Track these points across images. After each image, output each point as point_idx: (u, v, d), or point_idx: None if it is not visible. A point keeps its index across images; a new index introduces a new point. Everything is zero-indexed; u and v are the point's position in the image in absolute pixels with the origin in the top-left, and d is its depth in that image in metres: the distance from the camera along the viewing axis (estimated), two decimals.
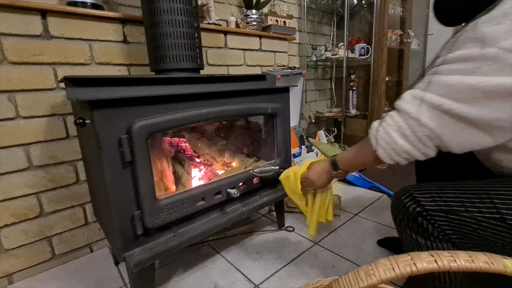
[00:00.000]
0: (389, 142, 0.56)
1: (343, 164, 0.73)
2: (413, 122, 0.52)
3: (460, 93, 0.46)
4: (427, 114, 0.50)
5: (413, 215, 0.58)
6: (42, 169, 0.97)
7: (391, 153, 0.56)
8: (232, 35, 1.46)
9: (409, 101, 0.53)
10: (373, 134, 0.59)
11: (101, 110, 0.65)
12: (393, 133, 0.55)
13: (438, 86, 0.49)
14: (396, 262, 0.31)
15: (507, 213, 0.49)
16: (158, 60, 0.91)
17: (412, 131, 0.52)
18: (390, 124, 0.56)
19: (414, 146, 0.53)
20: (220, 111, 0.86)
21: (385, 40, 1.91)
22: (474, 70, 0.44)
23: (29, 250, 0.97)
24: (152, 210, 0.73)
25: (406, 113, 0.53)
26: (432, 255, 0.31)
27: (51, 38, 0.94)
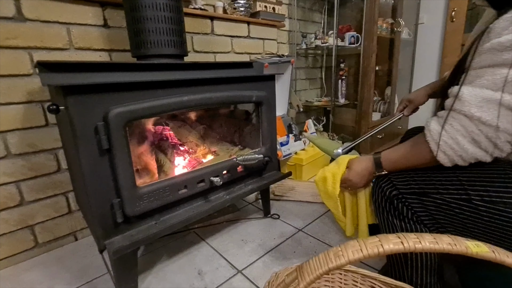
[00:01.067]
0: (456, 150, 0.51)
1: (389, 164, 0.65)
2: (489, 129, 0.46)
3: None
4: (507, 119, 0.45)
5: (390, 198, 0.60)
6: (21, 157, 0.94)
7: (455, 159, 0.52)
8: (219, 21, 1.42)
9: (477, 105, 0.47)
10: (433, 138, 0.53)
11: (76, 96, 0.63)
12: (461, 140, 0.50)
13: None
14: (365, 243, 0.32)
15: (473, 194, 0.52)
16: (139, 46, 0.88)
17: (487, 137, 0.47)
18: (457, 129, 0.50)
19: (486, 152, 0.49)
20: (202, 99, 0.84)
21: (376, 29, 1.90)
22: None
23: (11, 239, 0.96)
24: (131, 198, 0.72)
25: (481, 121, 0.47)
26: (399, 237, 0.31)
27: (25, 20, 0.90)
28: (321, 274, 0.32)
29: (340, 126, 2.19)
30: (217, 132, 1.18)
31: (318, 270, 0.32)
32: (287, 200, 1.32)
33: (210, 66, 0.99)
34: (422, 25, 2.41)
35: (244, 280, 0.84)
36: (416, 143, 0.59)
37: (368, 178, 0.70)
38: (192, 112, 1.14)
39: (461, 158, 0.51)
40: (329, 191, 0.72)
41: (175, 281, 0.85)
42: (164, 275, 0.87)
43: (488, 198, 0.51)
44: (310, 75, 2.30)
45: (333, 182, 0.71)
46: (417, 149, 0.58)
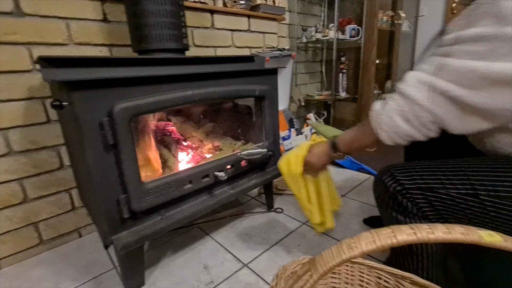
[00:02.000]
0: (391, 126, 0.55)
1: (343, 145, 0.72)
2: (418, 108, 0.51)
3: (471, 81, 0.44)
4: (434, 100, 0.49)
5: (393, 193, 0.59)
6: (23, 155, 0.94)
7: (393, 136, 0.57)
8: (219, 14, 1.41)
9: (415, 85, 0.51)
10: (374, 117, 0.58)
11: (80, 91, 0.62)
12: (396, 118, 0.54)
13: (449, 72, 0.46)
14: (378, 234, 0.32)
15: (480, 189, 0.51)
16: (140, 40, 0.88)
17: (416, 116, 0.52)
18: (393, 108, 0.55)
19: (417, 130, 0.53)
20: (206, 93, 0.84)
21: (376, 21, 1.89)
22: (489, 53, 0.41)
23: (15, 236, 0.96)
24: (137, 193, 0.72)
25: (411, 99, 0.51)
26: (412, 228, 0.31)
27: (23, 15, 0.88)
28: (334, 266, 0.32)
29: (340, 120, 2.19)
30: (220, 126, 1.17)
31: (331, 262, 0.32)
32: (290, 194, 1.33)
33: (212, 60, 0.98)
34: (423, 17, 2.40)
35: (250, 273, 0.85)
36: (364, 124, 0.64)
37: (325, 159, 0.76)
38: (195, 107, 1.14)
39: (397, 135, 0.56)
40: (292, 171, 0.77)
41: (181, 276, 0.85)
42: (170, 270, 0.88)
43: (494, 193, 0.50)
44: (310, 69, 2.29)
45: (295, 162, 0.77)
46: (364, 129, 0.64)
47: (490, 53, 0.41)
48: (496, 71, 0.40)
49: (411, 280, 0.55)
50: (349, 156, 1.72)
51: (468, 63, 0.43)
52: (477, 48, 0.42)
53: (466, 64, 0.44)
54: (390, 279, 0.59)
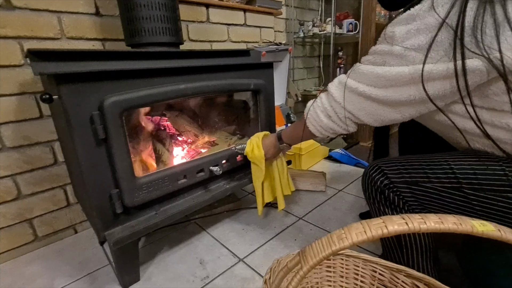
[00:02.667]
0: (317, 121, 0.66)
1: (286, 137, 0.83)
2: (336, 105, 0.60)
3: (371, 80, 0.54)
4: (347, 98, 0.58)
5: (381, 188, 0.60)
6: (16, 150, 0.93)
7: (319, 129, 0.66)
8: (215, 8, 1.39)
9: (336, 85, 0.61)
10: (306, 112, 0.68)
11: (69, 85, 0.61)
12: (319, 113, 0.64)
13: (357, 73, 0.56)
14: (368, 225, 0.31)
15: (464, 182, 0.51)
16: (133, 34, 0.86)
17: (335, 112, 0.61)
18: (318, 105, 0.65)
19: (337, 125, 0.63)
20: (199, 87, 0.83)
21: (374, 16, 1.87)
22: (383, 62, 0.52)
23: (10, 233, 0.95)
24: (130, 188, 0.71)
25: (331, 96, 0.61)
26: (403, 218, 0.30)
27: (13, 8, 0.87)
28: (324, 257, 0.32)
29: None
30: (215, 121, 1.16)
31: (321, 253, 0.32)
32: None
33: (206, 54, 0.97)
34: None
35: (246, 268, 0.84)
36: (300, 119, 0.74)
37: (274, 150, 0.87)
38: (189, 101, 1.12)
39: (322, 129, 0.66)
40: (257, 155, 0.88)
41: (177, 271, 0.85)
42: (165, 265, 0.87)
43: (478, 186, 0.50)
44: (307, 64, 2.27)
45: (258, 147, 0.88)
46: (300, 123, 0.73)
47: (383, 62, 0.52)
48: (392, 73, 0.50)
49: (406, 272, 0.55)
50: (347, 151, 1.71)
51: (368, 67, 0.54)
52: (375, 59, 0.54)
53: (367, 68, 0.54)
54: (385, 272, 0.59)
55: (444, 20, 0.44)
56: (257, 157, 0.88)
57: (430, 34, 0.45)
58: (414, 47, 0.47)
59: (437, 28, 0.45)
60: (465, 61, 0.43)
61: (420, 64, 0.47)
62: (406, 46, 0.48)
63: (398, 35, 0.49)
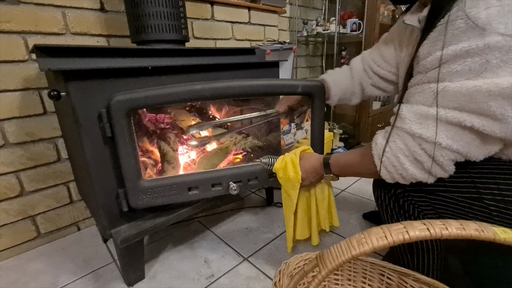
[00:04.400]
0: (397, 168, 0.49)
1: (338, 168, 0.64)
2: (430, 147, 0.45)
3: (478, 103, 0.39)
4: (447, 134, 0.43)
5: (395, 196, 0.58)
6: (20, 147, 0.92)
7: (396, 177, 0.51)
8: (220, 5, 1.38)
9: (417, 121, 0.45)
10: (377, 153, 0.52)
11: (78, 81, 0.60)
12: (403, 159, 0.48)
13: (448, 97, 0.41)
14: (389, 230, 0.31)
15: (485, 193, 0.49)
16: (139, 30, 0.85)
17: (429, 156, 0.45)
18: (400, 148, 0.48)
19: (428, 173, 0.47)
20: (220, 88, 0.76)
21: (378, 16, 1.86)
22: (483, 68, 0.37)
23: (13, 229, 0.95)
24: (135, 191, 0.70)
25: (421, 138, 0.45)
26: (425, 224, 0.30)
27: (18, 3, 0.85)
28: (343, 262, 0.31)
29: (340, 115, 2.18)
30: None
31: (340, 257, 0.32)
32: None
33: (212, 52, 0.96)
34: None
35: (251, 267, 0.84)
36: (363, 154, 0.57)
37: (315, 176, 0.67)
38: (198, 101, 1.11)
39: (401, 177, 0.50)
40: (291, 177, 0.68)
41: (181, 269, 0.85)
42: (170, 264, 0.87)
43: (500, 197, 0.48)
44: (310, 63, 2.27)
45: (294, 167, 0.68)
46: (364, 160, 0.57)
47: (483, 68, 0.37)
48: (502, 86, 0.36)
49: (414, 277, 0.55)
50: None
51: (464, 83, 0.39)
52: (467, 65, 0.39)
53: (464, 85, 0.39)
54: (393, 276, 0.59)
55: None
56: (290, 180, 0.68)
57: None
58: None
59: None
60: None
61: None
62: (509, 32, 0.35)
63: (488, 19, 0.36)
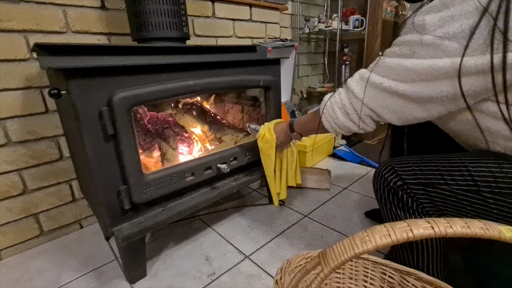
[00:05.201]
0: (332, 117, 0.63)
1: (298, 127, 0.82)
2: (356, 101, 0.57)
3: (398, 74, 0.50)
4: (369, 94, 0.55)
5: (394, 189, 0.58)
6: (22, 145, 0.92)
7: (334, 126, 0.64)
8: (221, 2, 1.37)
9: (357, 80, 0.58)
10: (322, 106, 0.66)
11: (78, 79, 0.60)
12: (337, 110, 0.62)
13: (381, 67, 0.53)
14: (393, 228, 0.31)
15: (483, 185, 0.50)
16: (139, 28, 0.85)
17: (354, 110, 0.59)
18: (336, 101, 0.62)
19: (354, 123, 0.60)
20: (208, 83, 0.82)
21: (380, 12, 1.84)
22: (412, 54, 0.48)
23: (16, 227, 0.95)
24: (138, 185, 0.71)
25: (351, 92, 0.58)
26: (429, 222, 0.30)
27: (19, 1, 0.85)
28: (346, 260, 0.31)
29: None
30: (222, 118, 1.15)
31: (343, 255, 0.31)
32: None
33: (213, 49, 0.95)
34: None
35: (252, 265, 0.84)
36: (315, 111, 0.72)
37: (284, 137, 0.87)
38: (197, 97, 1.11)
39: (337, 126, 0.64)
40: (268, 139, 0.88)
41: (183, 267, 0.85)
42: (172, 261, 0.87)
43: (497, 190, 0.48)
44: (312, 61, 2.25)
45: (270, 132, 0.88)
46: (315, 115, 0.71)
47: (412, 54, 0.48)
48: (423, 66, 0.47)
49: (416, 276, 0.55)
50: (351, 149, 1.70)
51: (395, 60, 0.51)
52: (402, 50, 0.50)
53: (394, 61, 0.50)
54: (395, 275, 0.58)
55: (486, 7, 0.41)
56: (268, 141, 0.89)
57: (467, 21, 0.42)
58: (449, 35, 0.43)
59: (475, 15, 0.41)
60: (506, 55, 0.40)
61: (457, 57, 0.43)
62: (439, 34, 0.44)
63: (430, 23, 0.45)
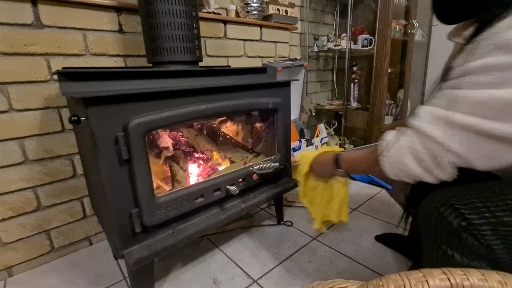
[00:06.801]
0: (399, 163, 0.52)
1: (345, 163, 0.70)
2: (437, 147, 0.47)
3: (492, 110, 0.41)
4: (456, 138, 0.45)
5: (456, 229, 0.50)
6: (38, 163, 0.95)
7: (397, 173, 0.54)
8: (232, 24, 1.41)
9: (430, 121, 0.48)
10: (383, 149, 0.55)
11: (96, 107, 0.63)
12: (406, 156, 0.51)
13: (465, 103, 0.43)
14: (408, 278, 0.30)
15: None
16: (155, 52, 0.88)
17: (433, 156, 0.48)
18: (405, 145, 0.51)
19: (428, 172, 0.49)
20: (220, 107, 0.84)
21: (389, 31, 1.87)
22: (503, 82, 0.40)
23: (28, 244, 0.97)
24: (150, 208, 0.72)
25: (428, 136, 0.47)
26: (445, 273, 0.30)
27: (42, 27, 0.90)
28: None
29: (351, 129, 2.17)
30: (232, 139, 1.17)
31: None
32: (300, 207, 1.31)
33: (225, 72, 0.98)
34: (436, 26, 2.37)
35: None
36: (371, 150, 0.61)
37: (326, 170, 0.76)
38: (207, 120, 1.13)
39: (402, 173, 0.53)
40: (299, 168, 0.81)
41: None
42: (179, 283, 0.87)
43: None
44: (321, 78, 2.28)
45: (305, 162, 0.80)
46: (370, 155, 0.60)
47: (503, 82, 0.40)
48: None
49: None
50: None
51: (482, 92, 0.41)
52: (489, 78, 0.41)
53: (481, 94, 0.42)
54: None
55: None
56: (299, 170, 0.82)
57: None
58: None
59: None
60: None
61: None
62: None
63: None
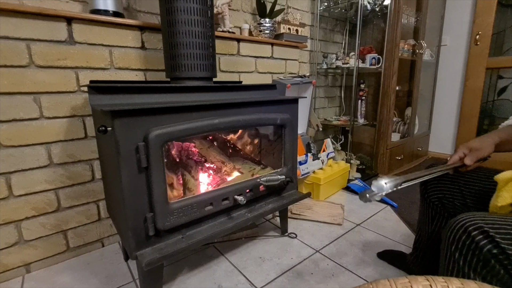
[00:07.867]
0: None
1: None
2: None
3: None
4: None
5: (486, 255, 0.49)
6: (61, 167, 1.03)
7: None
8: (245, 42, 1.50)
9: None
10: None
11: (122, 119, 0.70)
12: None
13: None
14: (395, 283, 0.34)
15: None
16: (174, 68, 0.96)
17: None
18: None
19: None
20: (231, 122, 0.90)
21: (397, 51, 1.92)
22: None
23: (46, 242, 1.03)
24: (163, 213, 0.77)
25: None
26: (428, 280, 0.34)
27: (74, 43, 0.99)
28: None
29: (357, 144, 2.20)
30: (241, 151, 1.23)
31: None
32: (304, 219, 1.34)
33: (237, 88, 1.05)
34: (445, 47, 2.41)
35: None
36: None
37: None
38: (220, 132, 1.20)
39: None
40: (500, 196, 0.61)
41: None
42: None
43: None
44: (329, 94, 2.33)
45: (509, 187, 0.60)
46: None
47: None
48: None
49: None
50: (365, 184, 1.71)
51: None
52: None
53: None
54: None
55: None
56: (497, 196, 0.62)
57: None
58: None
59: None
60: None
61: None
62: None
63: None
